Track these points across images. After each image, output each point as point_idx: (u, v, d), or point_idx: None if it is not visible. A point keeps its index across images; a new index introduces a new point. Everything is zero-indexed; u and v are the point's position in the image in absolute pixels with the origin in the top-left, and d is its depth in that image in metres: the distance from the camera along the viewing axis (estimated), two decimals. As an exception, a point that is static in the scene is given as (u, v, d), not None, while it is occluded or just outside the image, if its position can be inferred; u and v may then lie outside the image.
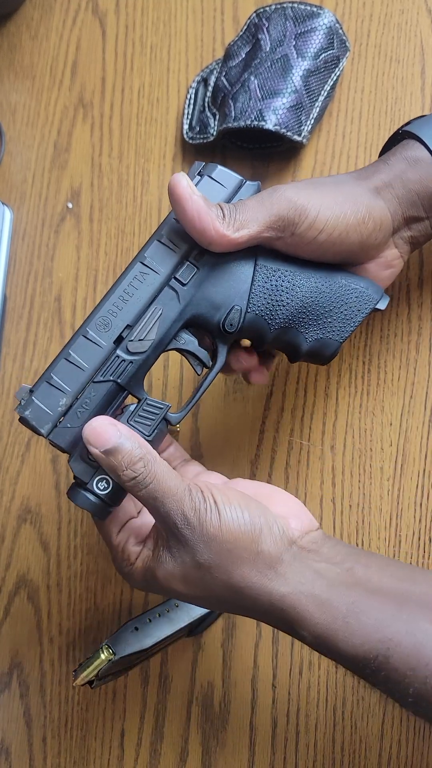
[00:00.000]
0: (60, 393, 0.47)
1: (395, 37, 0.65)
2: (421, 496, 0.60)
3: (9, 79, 0.72)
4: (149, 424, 0.48)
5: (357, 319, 0.50)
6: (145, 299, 0.48)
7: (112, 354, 0.47)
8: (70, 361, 0.47)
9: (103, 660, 0.53)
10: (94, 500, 0.47)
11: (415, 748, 0.58)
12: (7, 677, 0.65)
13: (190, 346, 0.49)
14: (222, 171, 0.49)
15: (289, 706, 0.60)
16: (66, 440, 0.47)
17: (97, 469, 0.46)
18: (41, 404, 0.47)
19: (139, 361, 0.48)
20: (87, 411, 0.47)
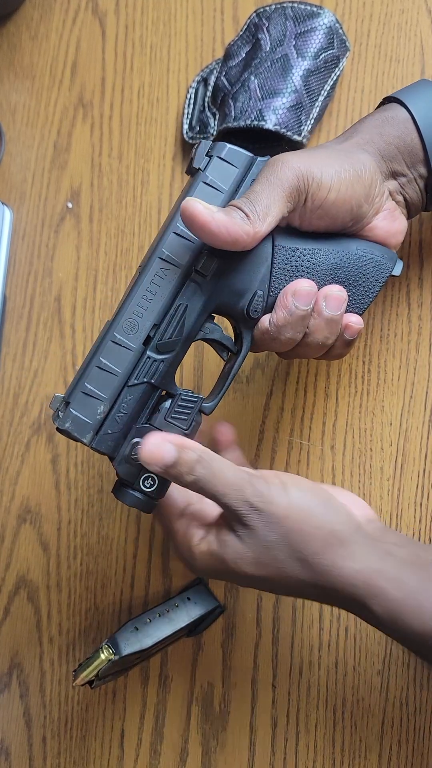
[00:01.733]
0: (96, 401, 0.47)
1: (395, 37, 0.65)
2: (421, 496, 0.60)
3: (9, 79, 0.72)
4: (186, 418, 0.48)
5: (375, 289, 0.50)
6: (168, 296, 0.47)
7: (143, 355, 0.47)
8: (101, 367, 0.47)
9: (103, 660, 0.53)
10: (142, 498, 0.48)
11: (415, 749, 0.58)
12: (7, 677, 0.65)
13: (216, 334, 0.49)
14: (232, 150, 0.48)
15: (289, 707, 0.60)
16: (109, 446, 0.47)
17: (142, 468, 0.47)
18: (80, 414, 0.47)
19: (170, 359, 0.48)
20: (125, 415, 0.47)
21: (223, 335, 0.49)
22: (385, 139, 0.50)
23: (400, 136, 0.50)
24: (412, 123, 0.49)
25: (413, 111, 0.49)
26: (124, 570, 0.64)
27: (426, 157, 0.50)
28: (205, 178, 0.48)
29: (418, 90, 0.51)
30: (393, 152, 0.50)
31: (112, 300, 0.67)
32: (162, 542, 0.64)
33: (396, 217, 0.51)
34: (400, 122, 0.50)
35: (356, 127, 0.51)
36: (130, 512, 0.64)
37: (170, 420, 0.48)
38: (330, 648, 0.60)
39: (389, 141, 0.50)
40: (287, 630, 0.61)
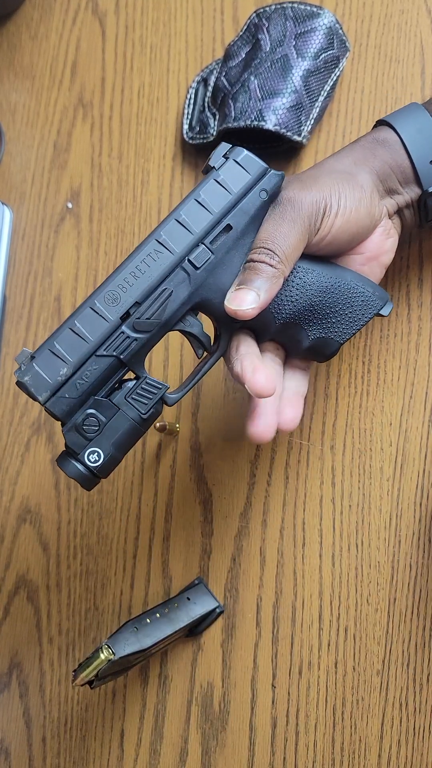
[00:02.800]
0: (61, 362, 0.46)
1: (395, 38, 0.65)
2: (420, 496, 0.60)
3: (9, 79, 0.72)
4: (146, 402, 0.48)
5: (360, 323, 0.51)
6: (156, 277, 0.47)
7: (118, 329, 0.47)
8: (74, 331, 0.47)
9: (103, 660, 0.53)
10: (83, 471, 0.47)
11: (415, 749, 0.58)
12: (7, 677, 0.65)
13: (195, 329, 0.49)
14: (248, 156, 0.48)
15: (288, 707, 0.60)
16: (62, 410, 0.47)
17: (91, 441, 0.47)
18: (41, 371, 0.46)
19: (144, 339, 0.47)
20: (86, 383, 0.47)
21: (201, 332, 0.50)
22: (379, 159, 0.51)
23: (393, 156, 0.51)
24: (401, 145, 0.51)
25: (402, 134, 0.51)
26: (123, 570, 0.64)
27: (417, 177, 0.51)
28: (217, 176, 0.48)
29: (407, 113, 0.53)
30: (387, 171, 0.51)
31: (112, 300, 0.67)
32: (162, 542, 0.64)
33: (390, 235, 0.53)
34: (390, 144, 0.52)
35: (351, 146, 0.53)
36: (129, 512, 0.64)
37: (130, 400, 0.48)
38: (330, 648, 0.60)
39: (383, 160, 0.51)
40: (287, 630, 0.61)
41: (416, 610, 0.58)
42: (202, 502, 0.63)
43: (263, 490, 0.62)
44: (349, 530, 0.60)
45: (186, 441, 0.63)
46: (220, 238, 0.48)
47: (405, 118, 0.52)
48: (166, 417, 0.64)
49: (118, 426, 0.47)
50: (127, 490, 0.65)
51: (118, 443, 0.48)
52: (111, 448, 0.47)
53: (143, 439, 0.65)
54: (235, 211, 0.48)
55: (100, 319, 0.47)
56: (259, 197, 0.48)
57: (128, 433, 0.48)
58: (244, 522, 0.62)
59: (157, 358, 0.65)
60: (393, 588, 0.58)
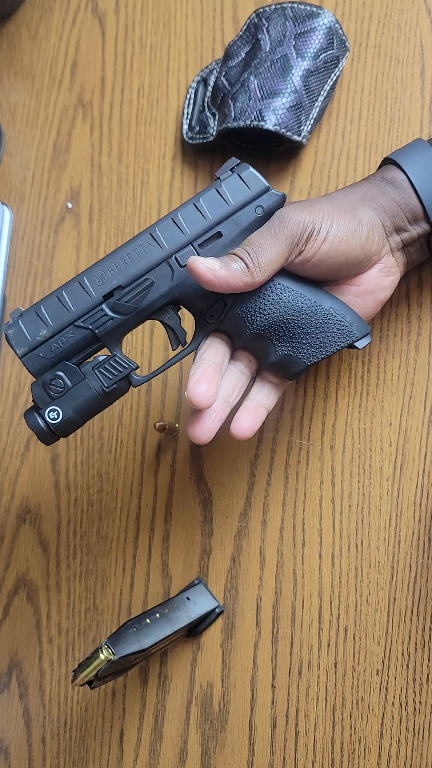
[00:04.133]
0: (43, 325, 0.51)
1: (395, 37, 0.65)
2: (420, 497, 0.60)
3: (9, 79, 0.72)
4: (111, 378, 0.51)
5: (331, 349, 0.52)
6: (142, 267, 0.51)
7: (98, 306, 0.51)
8: (60, 300, 0.51)
9: (103, 660, 0.53)
10: (42, 425, 0.51)
11: (415, 749, 0.58)
12: (7, 677, 0.65)
13: (173, 322, 0.53)
14: (251, 174, 0.52)
15: (288, 707, 0.60)
16: (36, 367, 0.51)
17: (54, 400, 0.51)
18: (24, 329, 0.51)
19: (120, 320, 0.51)
20: (61, 348, 0.51)
21: (179, 326, 0.53)
22: (387, 197, 0.52)
23: (401, 195, 0.52)
24: (409, 184, 0.52)
25: (410, 174, 0.52)
26: (123, 570, 0.64)
27: (425, 215, 0.52)
28: (218, 187, 0.52)
29: (413, 151, 0.53)
30: (395, 209, 0.52)
31: (112, 300, 0.67)
32: (162, 542, 0.64)
33: (391, 273, 0.53)
34: (398, 183, 0.52)
35: (360, 183, 0.54)
36: (129, 512, 0.64)
37: (96, 372, 0.51)
38: (329, 648, 0.60)
39: (391, 198, 0.52)
40: (287, 630, 0.61)
41: (416, 609, 0.58)
42: (201, 502, 0.63)
43: (263, 490, 0.62)
44: (348, 530, 0.60)
45: (186, 441, 0.63)
46: (209, 243, 0.51)
47: (411, 156, 0.53)
48: (166, 417, 0.64)
49: (80, 392, 0.51)
50: (126, 490, 0.65)
51: (78, 409, 0.51)
52: (70, 411, 0.51)
53: (143, 439, 0.65)
54: (228, 221, 0.51)
55: (85, 294, 0.51)
56: (254, 212, 0.51)
57: (88, 402, 0.51)
58: (243, 522, 0.62)
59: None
60: (393, 588, 0.58)
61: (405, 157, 0.53)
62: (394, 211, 0.52)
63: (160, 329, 0.66)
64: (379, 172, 0.54)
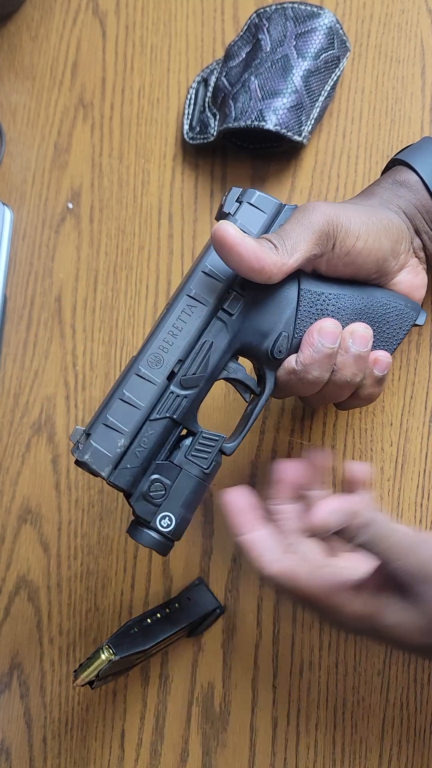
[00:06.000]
0: (117, 434, 0.46)
1: (395, 37, 0.65)
2: (421, 497, 0.60)
3: (9, 79, 0.72)
4: (206, 457, 0.48)
5: (399, 337, 0.51)
6: (194, 332, 0.47)
7: (166, 390, 0.47)
8: (124, 400, 0.47)
9: (104, 660, 0.53)
10: (158, 538, 0.47)
11: (416, 749, 0.58)
12: (8, 677, 0.65)
13: (239, 374, 0.49)
14: (261, 197, 0.49)
15: (289, 707, 0.60)
16: (126, 481, 0.47)
17: (160, 507, 0.47)
18: (100, 447, 0.46)
19: (193, 395, 0.47)
20: (145, 450, 0.47)
21: (246, 375, 0.50)
22: (403, 200, 0.51)
23: (416, 197, 0.51)
24: (422, 185, 0.51)
25: (422, 174, 0.51)
26: (124, 570, 0.64)
27: None
28: (234, 221, 0.48)
29: (423, 150, 0.52)
30: (413, 210, 0.51)
31: (113, 300, 0.67)
32: (162, 542, 0.64)
33: (419, 272, 0.53)
34: (412, 185, 0.51)
35: (372, 189, 0.53)
36: (130, 513, 0.64)
37: (190, 458, 0.48)
38: (330, 648, 0.60)
39: (407, 200, 0.51)
40: (288, 630, 0.61)
41: (417, 610, 0.58)
42: (202, 502, 0.63)
43: (264, 490, 0.62)
44: (349, 530, 0.60)
45: (186, 441, 0.63)
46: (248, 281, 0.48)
47: (421, 155, 0.52)
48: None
49: (183, 486, 0.47)
50: (127, 491, 0.65)
51: (187, 503, 0.48)
52: (181, 509, 0.47)
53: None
54: None
55: (147, 383, 0.47)
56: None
57: (195, 491, 0.48)
58: (244, 522, 0.62)
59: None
60: None
61: (415, 157, 0.52)
62: (412, 213, 0.51)
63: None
64: (389, 174, 0.53)
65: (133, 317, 0.66)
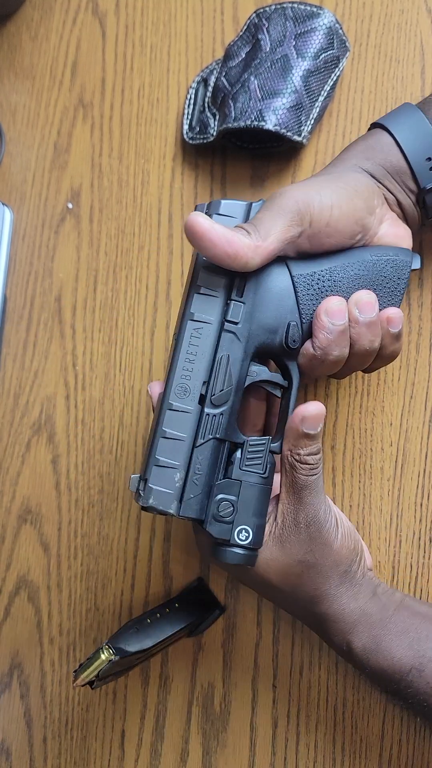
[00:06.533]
0: (172, 470, 0.48)
1: (395, 37, 0.65)
2: (421, 497, 0.60)
3: (9, 79, 0.72)
4: (259, 462, 0.49)
5: (401, 286, 0.52)
6: (209, 352, 0.49)
7: (202, 414, 0.48)
8: (167, 437, 0.48)
9: (104, 660, 0.53)
10: (243, 552, 0.49)
11: (416, 749, 0.58)
12: (8, 678, 0.65)
13: (263, 375, 0.50)
14: (227, 204, 0.50)
15: (289, 707, 0.60)
16: (195, 510, 0.48)
17: (233, 523, 0.48)
18: (159, 487, 0.48)
19: (228, 410, 0.49)
20: (202, 475, 0.48)
21: (270, 374, 0.51)
22: (372, 162, 0.52)
23: (386, 158, 0.52)
24: (396, 146, 0.52)
25: (396, 135, 0.52)
26: (124, 570, 0.64)
27: (413, 175, 0.52)
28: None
29: (400, 114, 0.53)
30: (381, 172, 0.52)
31: (113, 300, 0.67)
32: (162, 543, 0.64)
33: (399, 224, 0.53)
34: (384, 147, 0.52)
35: (341, 156, 0.54)
36: (130, 513, 0.64)
37: (245, 469, 0.49)
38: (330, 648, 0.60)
39: (376, 163, 0.52)
40: (287, 630, 0.61)
41: (417, 610, 0.58)
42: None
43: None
44: (349, 530, 0.60)
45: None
46: (243, 286, 0.49)
47: (398, 119, 0.53)
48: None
49: (249, 497, 0.49)
50: (127, 491, 0.65)
51: (257, 511, 0.49)
52: (253, 518, 0.49)
53: (144, 439, 0.65)
54: None
55: (183, 414, 0.49)
56: None
57: (260, 498, 0.49)
58: (244, 522, 0.62)
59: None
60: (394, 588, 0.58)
61: (392, 120, 0.53)
62: (380, 174, 0.52)
63: (159, 327, 0.66)
64: (361, 138, 0.54)
65: (133, 317, 0.66)
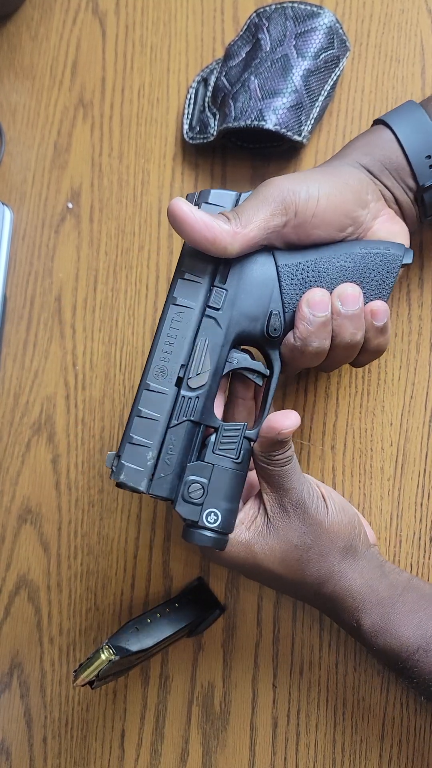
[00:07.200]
0: (144, 449, 0.49)
1: (395, 37, 0.65)
2: (421, 497, 0.60)
3: (9, 79, 0.72)
4: (233, 447, 0.49)
5: (390, 280, 0.51)
6: (189, 336, 0.49)
7: (178, 396, 0.49)
8: (142, 416, 0.49)
9: (104, 660, 0.53)
10: (210, 535, 0.49)
11: (416, 749, 0.58)
12: (8, 677, 0.65)
13: (245, 363, 0.51)
14: (217, 193, 0.50)
15: (289, 707, 0.60)
16: (165, 489, 0.49)
17: (201, 505, 0.49)
18: (131, 464, 0.49)
19: (204, 393, 0.49)
20: (174, 456, 0.49)
21: (252, 362, 0.51)
22: (370, 158, 0.52)
23: (385, 155, 0.52)
24: (396, 143, 0.52)
25: (397, 131, 0.52)
26: (124, 570, 0.64)
27: (412, 172, 0.52)
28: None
29: (403, 111, 0.54)
30: (380, 168, 0.52)
31: (113, 300, 0.67)
32: (162, 542, 0.64)
33: (396, 221, 0.53)
34: (384, 143, 0.52)
35: (341, 151, 0.54)
36: (130, 513, 0.64)
37: (219, 453, 0.49)
38: (330, 648, 0.60)
39: (375, 159, 0.52)
40: (288, 630, 0.61)
41: (417, 610, 0.58)
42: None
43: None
44: (349, 530, 0.60)
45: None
46: (227, 273, 0.49)
47: (400, 116, 0.53)
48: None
49: (220, 480, 0.49)
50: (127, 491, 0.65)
51: (228, 496, 0.49)
52: (223, 503, 0.49)
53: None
54: None
55: (159, 395, 0.49)
56: None
57: (232, 483, 0.49)
58: (244, 522, 0.62)
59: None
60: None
61: (394, 117, 0.53)
62: (378, 170, 0.52)
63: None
64: (362, 134, 0.54)
65: (133, 317, 0.66)
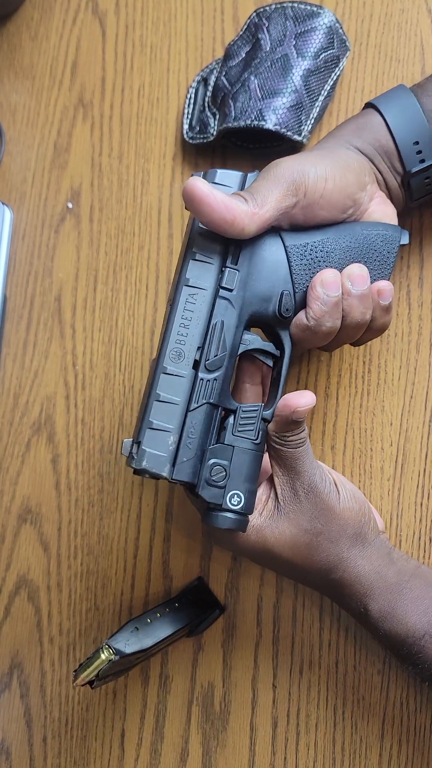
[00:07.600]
0: (165, 433, 0.48)
1: (395, 37, 0.65)
2: (421, 496, 0.60)
3: (9, 79, 0.72)
4: (252, 428, 0.49)
5: (391, 260, 0.53)
6: (203, 318, 0.49)
7: (196, 379, 0.49)
8: (161, 400, 0.48)
9: (104, 660, 0.53)
10: (234, 517, 0.49)
11: (416, 748, 0.58)
12: (8, 677, 0.65)
13: (256, 343, 0.51)
14: (223, 173, 0.50)
15: (289, 706, 0.60)
16: (188, 473, 0.48)
17: (224, 487, 0.48)
18: (153, 450, 0.48)
19: (222, 375, 0.49)
20: (194, 439, 0.49)
21: (263, 342, 0.51)
22: (362, 140, 0.53)
23: (375, 137, 0.53)
24: (385, 127, 0.53)
25: (386, 116, 0.53)
26: (124, 570, 0.64)
27: (400, 157, 0.53)
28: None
29: (393, 96, 0.54)
30: (371, 150, 0.53)
31: (113, 300, 0.67)
32: (162, 542, 0.64)
33: (387, 203, 0.55)
34: (374, 126, 0.53)
35: (333, 132, 0.55)
36: (130, 512, 0.64)
37: (238, 434, 0.49)
38: (330, 647, 0.60)
39: (366, 141, 0.53)
40: (287, 630, 0.61)
41: (417, 609, 0.58)
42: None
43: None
44: (349, 530, 0.60)
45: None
46: (237, 254, 0.49)
47: (390, 100, 0.54)
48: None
49: (241, 462, 0.49)
50: (127, 490, 0.65)
51: (249, 476, 0.49)
52: (245, 484, 0.49)
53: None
54: None
55: (177, 378, 0.49)
56: None
57: (252, 464, 0.49)
58: (244, 522, 0.62)
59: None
60: (394, 588, 0.58)
61: (384, 101, 0.54)
62: (370, 152, 0.53)
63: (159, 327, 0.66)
64: (353, 117, 0.55)
65: (133, 317, 0.66)
